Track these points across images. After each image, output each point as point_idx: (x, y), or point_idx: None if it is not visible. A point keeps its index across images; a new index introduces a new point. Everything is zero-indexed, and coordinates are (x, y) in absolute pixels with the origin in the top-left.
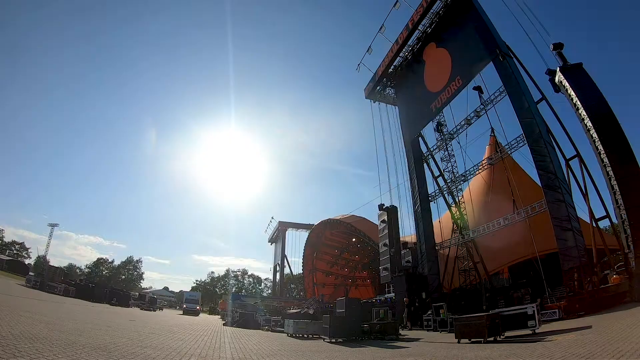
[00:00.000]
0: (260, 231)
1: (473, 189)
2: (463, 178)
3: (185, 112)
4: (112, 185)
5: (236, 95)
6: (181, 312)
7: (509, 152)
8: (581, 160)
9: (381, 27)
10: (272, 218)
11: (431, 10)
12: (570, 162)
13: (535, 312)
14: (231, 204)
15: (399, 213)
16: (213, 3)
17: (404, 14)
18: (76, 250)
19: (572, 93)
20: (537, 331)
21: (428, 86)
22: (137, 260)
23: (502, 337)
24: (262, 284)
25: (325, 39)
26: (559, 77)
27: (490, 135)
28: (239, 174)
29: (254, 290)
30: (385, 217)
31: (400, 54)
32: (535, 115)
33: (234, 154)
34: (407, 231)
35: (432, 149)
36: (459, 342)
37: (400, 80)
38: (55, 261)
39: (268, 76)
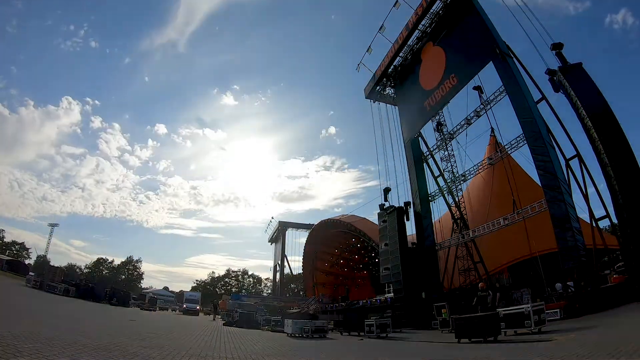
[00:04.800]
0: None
1: (473, 188)
2: (463, 178)
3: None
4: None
5: (237, 95)
6: (180, 312)
7: (509, 152)
8: (581, 160)
9: (381, 27)
10: (272, 218)
11: (431, 10)
12: (570, 162)
13: (532, 312)
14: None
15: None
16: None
17: (404, 14)
18: None
19: (572, 93)
20: (537, 331)
21: (423, 84)
22: (136, 260)
23: (502, 337)
24: (262, 283)
25: (325, 39)
26: (559, 77)
27: (490, 135)
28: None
29: (253, 291)
30: (386, 217)
31: (400, 54)
32: (535, 115)
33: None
34: (407, 231)
35: (432, 149)
36: (459, 342)
37: (399, 80)
38: None
39: (267, 75)
